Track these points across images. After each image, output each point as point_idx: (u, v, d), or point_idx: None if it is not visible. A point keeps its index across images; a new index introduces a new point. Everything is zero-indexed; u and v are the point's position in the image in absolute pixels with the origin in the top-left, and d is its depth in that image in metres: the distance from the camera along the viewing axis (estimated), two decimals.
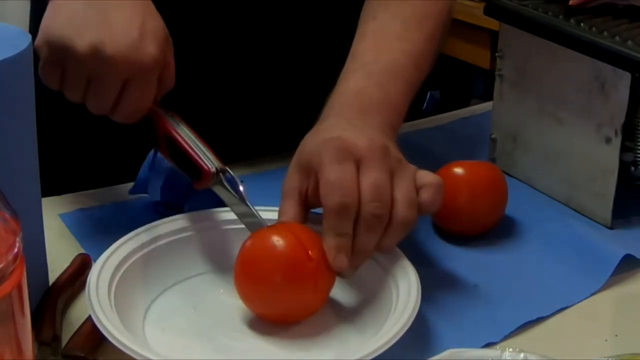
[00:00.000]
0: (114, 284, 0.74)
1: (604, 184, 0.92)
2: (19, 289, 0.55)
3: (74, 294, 0.78)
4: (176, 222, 0.82)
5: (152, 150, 0.89)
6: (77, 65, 0.77)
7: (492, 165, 0.96)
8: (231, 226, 0.82)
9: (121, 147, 1.02)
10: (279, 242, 0.74)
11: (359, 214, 0.74)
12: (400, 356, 0.71)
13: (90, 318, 0.71)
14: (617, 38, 0.89)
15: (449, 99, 2.78)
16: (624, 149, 0.90)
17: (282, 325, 0.75)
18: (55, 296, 0.76)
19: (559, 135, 0.96)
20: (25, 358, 0.57)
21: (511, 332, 0.76)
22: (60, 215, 0.91)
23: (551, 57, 0.95)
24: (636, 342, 0.76)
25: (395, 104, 0.86)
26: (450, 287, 0.83)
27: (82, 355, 0.70)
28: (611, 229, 0.92)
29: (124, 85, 0.78)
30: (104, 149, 1.06)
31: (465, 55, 2.55)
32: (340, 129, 0.79)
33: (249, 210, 0.80)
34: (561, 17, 0.94)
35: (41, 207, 0.77)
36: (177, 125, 0.82)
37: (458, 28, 2.30)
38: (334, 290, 0.77)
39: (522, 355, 0.65)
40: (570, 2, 0.94)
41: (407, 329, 0.70)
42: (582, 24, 0.92)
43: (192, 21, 1.00)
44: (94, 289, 0.72)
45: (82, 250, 0.85)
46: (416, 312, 0.71)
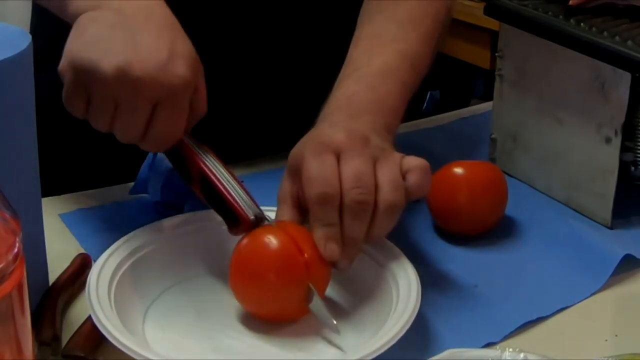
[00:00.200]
0: (114, 284, 0.74)
1: (604, 184, 0.92)
2: (19, 289, 0.55)
3: (74, 294, 0.78)
4: (176, 222, 0.82)
5: None
6: (103, 88, 0.73)
7: (492, 165, 0.96)
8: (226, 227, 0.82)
9: (121, 147, 1.02)
10: (272, 241, 0.74)
11: (343, 204, 0.74)
12: (400, 356, 0.71)
13: (90, 318, 0.71)
14: (617, 38, 0.89)
15: (449, 99, 2.78)
16: (624, 149, 0.90)
17: (281, 325, 0.75)
18: (55, 296, 0.76)
19: (559, 135, 0.96)
20: (25, 358, 0.57)
21: (511, 332, 0.76)
22: (60, 215, 0.92)
23: (551, 57, 0.95)
24: (636, 342, 0.76)
25: (389, 105, 0.85)
26: (450, 287, 0.83)
27: (82, 355, 0.70)
28: (611, 229, 0.92)
29: (153, 110, 0.74)
30: (104, 149, 1.06)
31: (465, 55, 2.55)
32: (324, 129, 0.80)
33: None
34: (561, 17, 0.94)
35: (41, 207, 0.77)
36: (211, 164, 0.78)
37: (458, 28, 2.30)
38: (333, 290, 0.77)
39: (522, 355, 0.65)
40: (570, 2, 0.94)
41: (407, 329, 0.70)
42: (582, 24, 0.92)
43: (193, 23, 1.00)
44: (94, 289, 0.72)
45: (82, 250, 0.85)
46: (416, 312, 0.71)
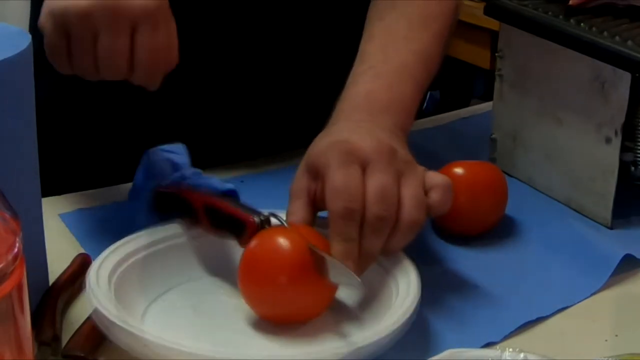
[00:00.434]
0: (113, 282, 0.74)
1: (604, 184, 0.92)
2: (19, 289, 0.55)
3: (74, 294, 0.78)
4: (177, 225, 0.82)
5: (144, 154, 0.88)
6: (81, 23, 0.74)
7: (492, 165, 0.96)
8: None
9: (121, 147, 1.02)
10: (285, 243, 0.74)
11: (364, 217, 0.74)
12: (401, 356, 0.71)
13: (90, 318, 0.71)
14: (617, 38, 0.89)
15: (449, 99, 2.79)
16: (624, 149, 0.90)
17: (283, 327, 0.75)
18: (55, 296, 0.76)
19: (559, 135, 0.96)
20: (25, 358, 0.57)
21: (511, 332, 0.76)
22: (60, 215, 0.91)
23: (551, 57, 0.95)
24: (636, 342, 0.76)
25: (405, 105, 0.86)
26: (451, 287, 0.82)
27: (82, 355, 0.70)
28: (611, 229, 0.92)
29: (133, 36, 0.75)
30: (104, 149, 1.06)
31: (465, 55, 2.55)
32: (348, 131, 0.80)
33: None
34: (561, 17, 0.94)
35: (41, 207, 0.77)
36: (210, 193, 0.80)
37: (458, 28, 2.28)
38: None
39: (522, 355, 0.65)
40: (570, 2, 0.95)
41: (405, 320, 0.69)
42: (582, 24, 0.92)
43: (194, 21, 1.00)
44: (94, 282, 0.72)
45: (82, 250, 0.85)
46: (414, 305, 0.71)
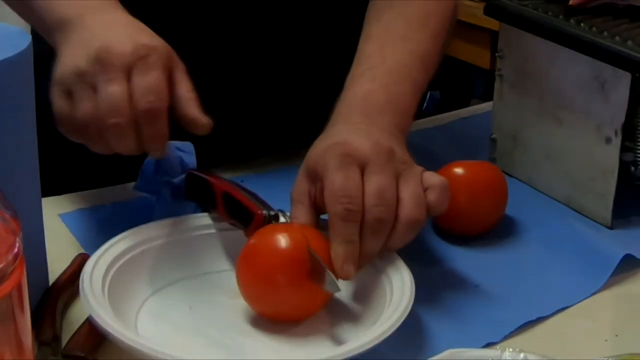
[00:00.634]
0: (108, 279, 0.74)
1: (604, 184, 0.92)
2: (19, 289, 0.55)
3: (74, 294, 0.78)
4: (174, 223, 0.82)
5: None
6: (79, 81, 0.76)
7: (492, 165, 0.96)
8: (229, 228, 0.82)
9: None
10: (284, 239, 0.74)
11: (363, 219, 0.74)
12: (400, 356, 0.71)
13: (90, 318, 0.71)
14: (617, 38, 0.89)
15: (449, 99, 2.78)
16: (624, 149, 0.90)
17: (278, 325, 0.75)
18: (55, 296, 0.76)
19: (559, 135, 0.96)
20: (25, 358, 0.57)
21: (511, 332, 0.76)
22: (60, 215, 0.91)
23: (551, 57, 0.95)
24: (636, 342, 0.76)
25: (403, 105, 0.86)
26: (450, 287, 0.82)
27: (82, 355, 0.70)
28: (611, 229, 0.92)
29: (129, 80, 0.75)
30: None
31: (465, 55, 2.55)
32: (346, 133, 0.80)
33: None
34: (561, 17, 0.94)
35: (41, 207, 0.77)
36: (233, 184, 0.82)
37: (458, 28, 2.28)
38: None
39: (522, 355, 0.65)
40: (570, 2, 0.95)
41: (401, 319, 0.69)
42: (582, 24, 0.92)
43: (195, 21, 1.00)
44: (87, 281, 0.72)
45: (82, 250, 0.85)
46: (410, 304, 0.71)
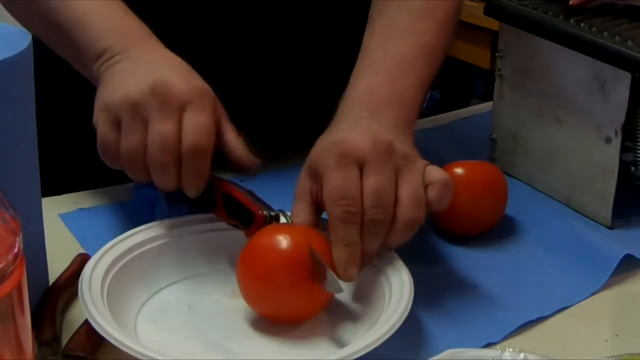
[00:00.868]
0: (107, 281, 0.74)
1: (604, 184, 0.92)
2: (19, 289, 0.55)
3: (74, 294, 0.78)
4: (174, 223, 0.82)
5: None
6: (132, 113, 0.77)
7: (492, 165, 0.96)
8: (229, 228, 0.82)
9: None
10: (285, 240, 0.74)
11: (362, 219, 0.74)
12: (400, 356, 0.71)
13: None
14: (617, 38, 0.89)
15: (449, 99, 2.79)
16: (624, 149, 0.90)
17: (277, 326, 0.75)
18: (55, 296, 0.76)
19: (559, 135, 0.96)
20: (25, 358, 0.57)
21: (511, 332, 0.76)
22: (60, 215, 0.92)
23: (551, 57, 0.95)
24: (636, 342, 0.76)
25: (408, 98, 0.85)
26: (450, 287, 0.82)
27: (82, 355, 0.70)
28: (611, 229, 0.92)
29: (181, 118, 0.77)
30: None
31: (465, 55, 2.55)
32: (347, 130, 0.79)
33: None
34: (561, 17, 0.94)
35: (41, 207, 0.77)
36: (232, 183, 0.81)
37: (458, 28, 2.30)
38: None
39: (522, 355, 0.65)
40: (570, 2, 0.94)
41: (400, 321, 0.69)
42: (582, 24, 0.92)
43: (197, 22, 1.00)
44: (86, 283, 0.72)
45: (82, 250, 0.85)
46: (409, 307, 0.71)
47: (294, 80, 1.06)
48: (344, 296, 0.78)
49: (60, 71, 0.90)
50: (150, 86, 0.77)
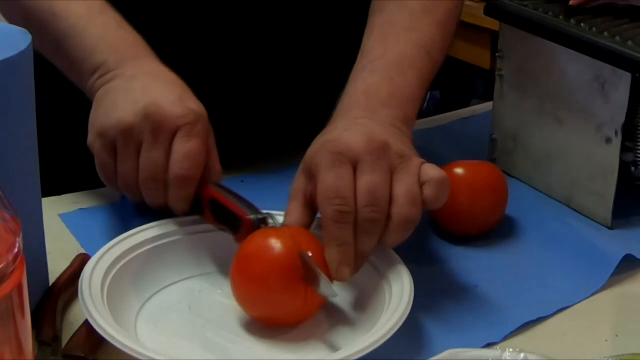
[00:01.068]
0: (107, 280, 0.74)
1: (604, 184, 0.92)
2: (19, 289, 0.55)
3: (74, 294, 0.78)
4: (174, 224, 0.82)
5: None
6: (126, 135, 0.80)
7: (492, 165, 0.96)
8: None
9: None
10: (275, 245, 0.73)
11: (356, 218, 0.73)
12: (400, 356, 0.71)
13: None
14: (617, 38, 0.89)
15: (449, 99, 2.78)
16: (624, 149, 0.90)
17: (276, 328, 0.75)
18: (55, 296, 0.76)
19: (559, 135, 0.96)
20: (25, 358, 0.57)
21: (511, 332, 0.76)
22: (60, 215, 0.91)
23: (551, 57, 0.95)
24: (636, 342, 0.76)
25: (407, 96, 0.85)
26: (450, 287, 0.82)
27: (82, 355, 0.70)
28: (611, 229, 0.92)
29: (171, 144, 0.80)
30: None
31: (465, 55, 2.55)
32: (342, 129, 0.79)
33: None
34: (561, 17, 0.94)
35: (41, 207, 0.77)
36: (218, 188, 0.82)
37: (458, 28, 2.30)
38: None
39: (522, 355, 0.65)
40: (570, 2, 0.95)
41: (397, 326, 0.69)
42: (582, 24, 0.92)
43: (194, 22, 1.00)
44: (86, 283, 0.72)
45: (82, 250, 0.85)
46: (407, 311, 0.71)
47: (292, 79, 1.06)
48: (344, 297, 0.78)
49: (60, 72, 0.90)
50: (144, 110, 0.80)
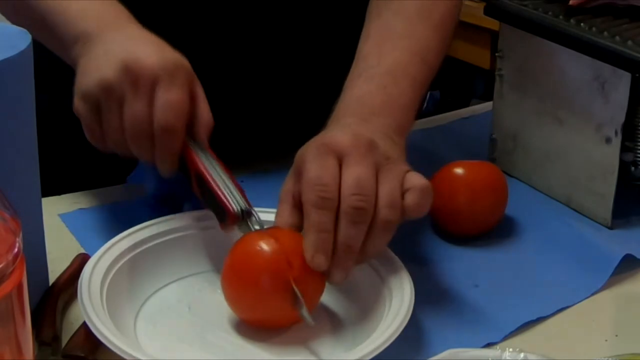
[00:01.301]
0: (107, 280, 0.74)
1: (604, 184, 0.92)
2: (19, 289, 0.55)
3: (74, 294, 0.78)
4: (173, 222, 0.82)
5: None
6: (107, 95, 0.79)
7: (492, 165, 0.96)
8: None
9: None
10: (262, 249, 0.73)
11: (340, 209, 0.72)
12: (400, 356, 0.71)
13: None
14: (617, 38, 0.89)
15: (449, 99, 2.78)
16: (624, 149, 0.90)
17: (276, 328, 0.75)
18: (55, 296, 0.76)
19: (559, 135, 0.96)
20: (25, 358, 0.57)
21: (511, 332, 0.76)
22: (60, 215, 0.92)
23: (551, 57, 0.95)
24: (636, 342, 0.76)
25: (401, 105, 0.85)
26: (450, 287, 0.82)
27: (82, 355, 0.70)
28: (611, 229, 0.92)
29: (153, 95, 0.78)
30: None
31: (465, 55, 2.55)
32: (330, 131, 0.79)
33: None
34: (561, 17, 0.94)
35: (41, 207, 0.77)
36: (208, 163, 0.80)
37: (458, 28, 2.30)
38: (327, 297, 0.77)
39: (522, 355, 0.65)
40: (570, 2, 0.95)
41: (393, 337, 0.69)
42: (582, 24, 0.92)
43: (195, 23, 1.00)
44: (86, 285, 0.72)
45: (82, 250, 0.85)
46: (406, 321, 0.71)
47: (292, 80, 1.06)
48: (344, 298, 0.78)
49: (60, 71, 0.90)
50: (122, 64, 0.78)
